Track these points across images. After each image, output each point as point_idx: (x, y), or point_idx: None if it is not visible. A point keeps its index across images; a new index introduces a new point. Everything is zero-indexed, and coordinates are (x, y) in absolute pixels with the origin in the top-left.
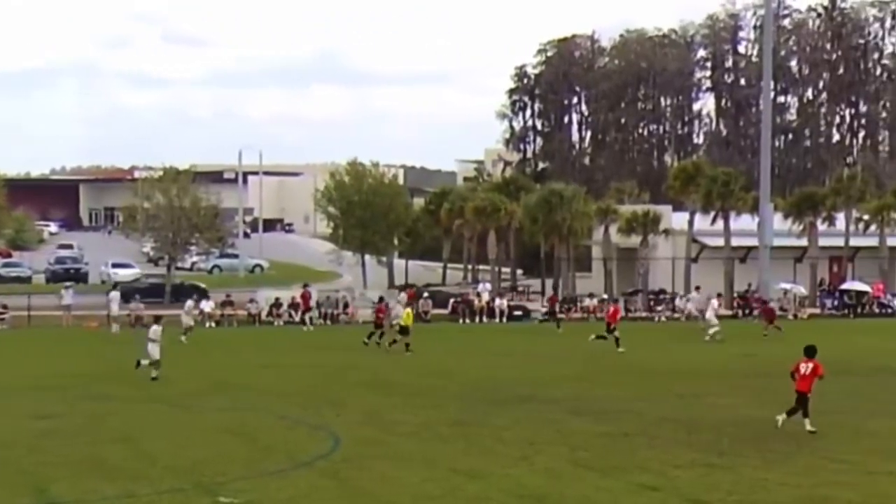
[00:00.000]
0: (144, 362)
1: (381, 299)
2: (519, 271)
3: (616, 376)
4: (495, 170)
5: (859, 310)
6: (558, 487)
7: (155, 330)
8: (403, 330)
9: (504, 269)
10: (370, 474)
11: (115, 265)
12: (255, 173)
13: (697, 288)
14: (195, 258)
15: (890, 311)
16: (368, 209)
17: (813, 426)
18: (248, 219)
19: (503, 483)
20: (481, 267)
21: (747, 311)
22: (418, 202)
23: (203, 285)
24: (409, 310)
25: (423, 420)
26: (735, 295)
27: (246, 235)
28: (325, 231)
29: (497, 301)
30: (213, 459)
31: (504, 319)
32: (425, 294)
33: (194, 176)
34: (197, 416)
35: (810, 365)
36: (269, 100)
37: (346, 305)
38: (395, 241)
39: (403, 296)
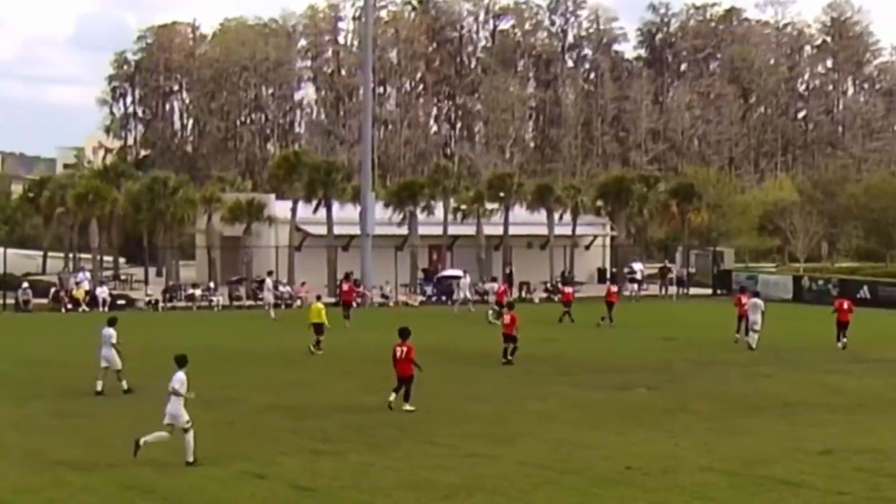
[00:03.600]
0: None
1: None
2: (122, 259)
3: (222, 364)
4: (96, 157)
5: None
6: (165, 478)
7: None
8: None
9: (107, 258)
10: None
11: None
12: None
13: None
14: None
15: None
16: None
17: None
18: None
19: (109, 475)
20: (83, 255)
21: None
22: (17, 189)
23: None
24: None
25: (25, 412)
26: (338, 282)
27: None
28: None
29: (98, 290)
30: None
31: (106, 308)
32: (24, 284)
33: None
34: None
35: None
36: None
37: None
38: None
39: None
